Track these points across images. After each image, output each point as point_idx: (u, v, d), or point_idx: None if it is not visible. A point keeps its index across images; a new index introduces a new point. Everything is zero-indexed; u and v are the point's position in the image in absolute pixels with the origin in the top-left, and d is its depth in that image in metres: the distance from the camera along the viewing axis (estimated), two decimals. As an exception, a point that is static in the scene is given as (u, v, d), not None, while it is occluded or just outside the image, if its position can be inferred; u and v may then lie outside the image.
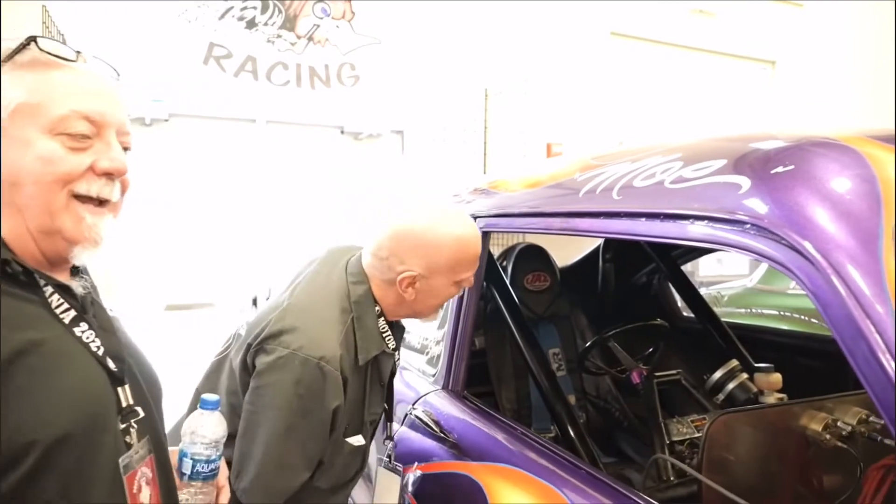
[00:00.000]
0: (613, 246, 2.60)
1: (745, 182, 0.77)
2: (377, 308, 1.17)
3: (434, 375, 1.49)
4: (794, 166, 0.75)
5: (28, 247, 0.72)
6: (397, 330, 1.25)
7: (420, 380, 1.57)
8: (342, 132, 4.32)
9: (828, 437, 1.30)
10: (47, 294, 0.72)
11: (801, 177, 0.74)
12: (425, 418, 1.34)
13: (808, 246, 0.68)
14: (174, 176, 3.79)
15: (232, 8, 3.91)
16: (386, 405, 1.29)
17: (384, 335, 1.17)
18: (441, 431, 1.27)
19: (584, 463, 1.03)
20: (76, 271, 0.78)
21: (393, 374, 1.28)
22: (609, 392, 2.46)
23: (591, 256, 2.76)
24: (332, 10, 4.14)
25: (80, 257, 0.75)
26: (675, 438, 1.67)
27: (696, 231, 0.83)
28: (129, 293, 3.59)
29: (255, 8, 3.93)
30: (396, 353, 1.26)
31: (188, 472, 0.89)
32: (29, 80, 0.71)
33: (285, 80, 4.03)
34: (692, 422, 1.73)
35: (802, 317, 3.24)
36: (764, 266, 3.93)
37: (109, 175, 0.75)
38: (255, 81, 3.95)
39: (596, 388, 2.48)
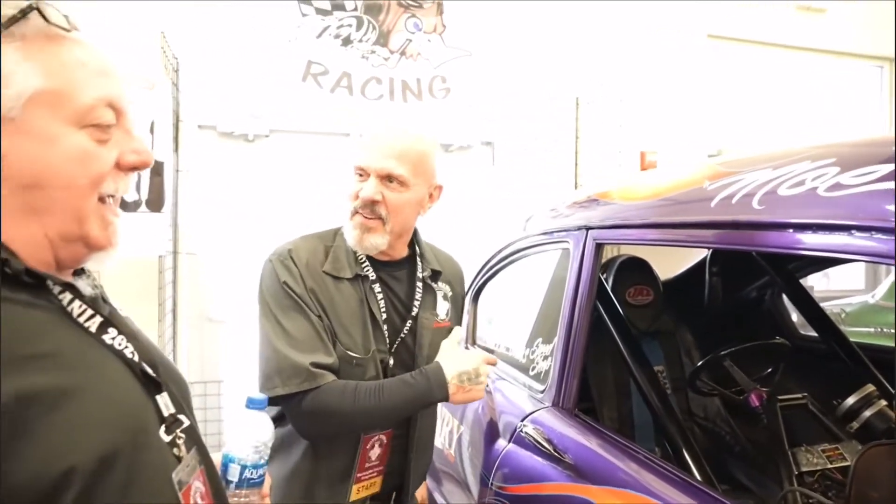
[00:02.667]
0: (721, 258, 2.45)
1: (924, 188, 0.69)
2: None
3: (542, 392, 1.44)
4: None
5: (42, 255, 0.61)
6: (427, 291, 1.34)
7: (526, 396, 1.52)
8: (432, 144, 4.34)
9: None
10: (65, 301, 0.61)
11: None
12: (537, 436, 1.29)
13: None
14: (275, 189, 3.94)
15: (329, 27, 4.04)
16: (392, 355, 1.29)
17: (360, 262, 1.29)
18: (555, 451, 1.22)
19: (718, 492, 0.95)
20: (80, 270, 0.68)
21: (416, 333, 1.32)
22: (718, 414, 2.31)
23: (697, 269, 2.62)
24: (423, 25, 4.20)
25: (97, 261, 0.66)
26: (804, 469, 1.53)
27: (860, 244, 0.75)
28: (232, 301, 3.76)
29: (350, 25, 4.05)
30: (414, 307, 1.33)
31: (235, 480, 0.83)
32: (42, 59, 0.58)
33: (379, 94, 4.11)
34: (823, 451, 1.58)
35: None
36: (889, 281, 3.59)
37: (134, 169, 0.66)
38: (350, 96, 4.06)
39: (703, 409, 2.34)
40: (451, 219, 4.18)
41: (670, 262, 2.82)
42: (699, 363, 1.84)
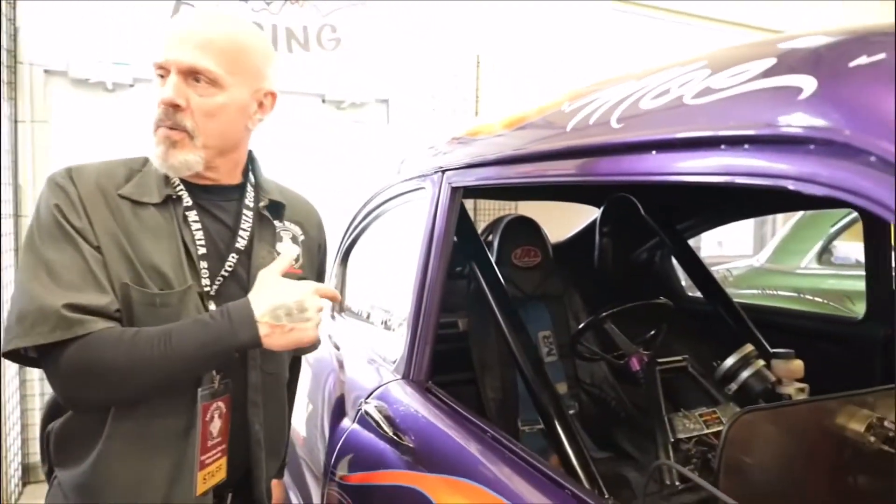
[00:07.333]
0: (612, 218, 2.35)
1: (807, 83, 0.52)
2: None
3: (395, 362, 1.24)
4: (884, 54, 0.50)
5: None
6: (263, 225, 1.12)
7: (377, 368, 1.32)
8: (323, 101, 4.04)
9: (871, 438, 1.07)
10: None
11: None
12: (377, 416, 1.09)
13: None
14: (140, 145, 3.51)
15: (201, -37, 3.61)
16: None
17: (173, 184, 1.05)
18: (395, 434, 1.02)
19: (571, 482, 0.78)
20: None
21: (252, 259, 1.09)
22: (605, 380, 2.23)
23: (588, 230, 2.51)
24: (310, -33, 3.84)
25: None
26: (680, 436, 1.43)
27: (730, 162, 0.58)
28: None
29: (225, -37, 3.63)
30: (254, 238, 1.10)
31: None
32: None
33: (259, 41, 3.71)
34: (700, 416, 1.49)
35: (817, 298, 3.00)
36: (772, 244, 3.67)
37: None
38: (227, 43, 3.64)
39: (590, 376, 2.24)
40: (342, 180, 3.91)
41: (568, 225, 2.71)
42: (579, 327, 1.71)
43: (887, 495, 1.03)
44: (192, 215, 1.05)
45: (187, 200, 1.05)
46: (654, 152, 0.66)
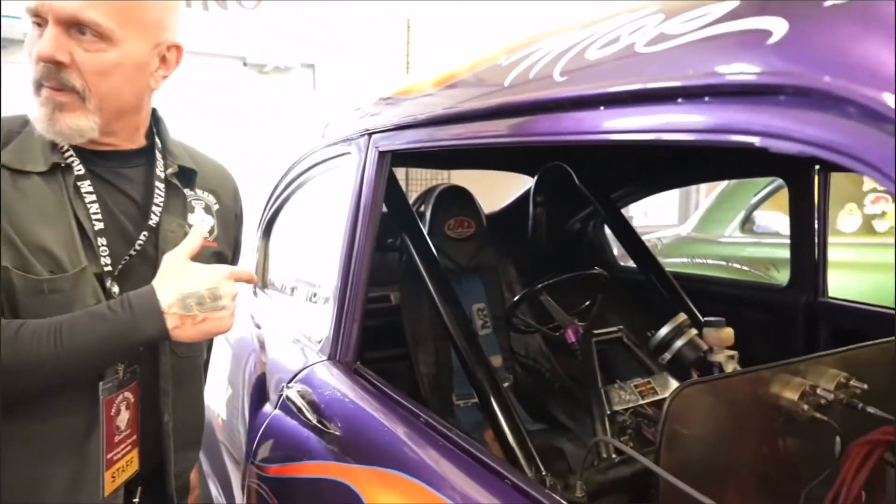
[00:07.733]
0: (546, 187, 2.31)
1: (778, 25, 0.46)
2: None
3: (320, 342, 1.14)
4: (862, -7, 0.44)
5: None
6: (173, 195, 0.99)
7: (302, 349, 1.22)
8: (244, 64, 3.80)
9: (805, 407, 1.07)
10: None
11: (879, 5, 0.43)
12: (299, 402, 0.99)
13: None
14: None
15: None
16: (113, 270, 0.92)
17: (61, 149, 0.91)
18: (319, 421, 0.93)
19: (511, 470, 0.72)
20: None
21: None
22: (539, 351, 2.21)
23: (522, 200, 2.47)
24: (226, -84, 3.58)
25: None
26: (616, 408, 1.41)
27: (689, 117, 0.52)
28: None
29: None
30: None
31: None
32: None
33: (171, -4, 3.44)
34: (636, 387, 1.48)
35: (744, 266, 3.10)
36: (698, 214, 3.77)
37: None
38: None
39: (525, 347, 2.22)
40: (264, 146, 3.71)
41: (504, 194, 2.65)
42: (515, 299, 1.66)
43: (820, 462, 1.03)
44: (86, 186, 0.92)
45: (79, 168, 0.91)
46: (602, 108, 0.59)
